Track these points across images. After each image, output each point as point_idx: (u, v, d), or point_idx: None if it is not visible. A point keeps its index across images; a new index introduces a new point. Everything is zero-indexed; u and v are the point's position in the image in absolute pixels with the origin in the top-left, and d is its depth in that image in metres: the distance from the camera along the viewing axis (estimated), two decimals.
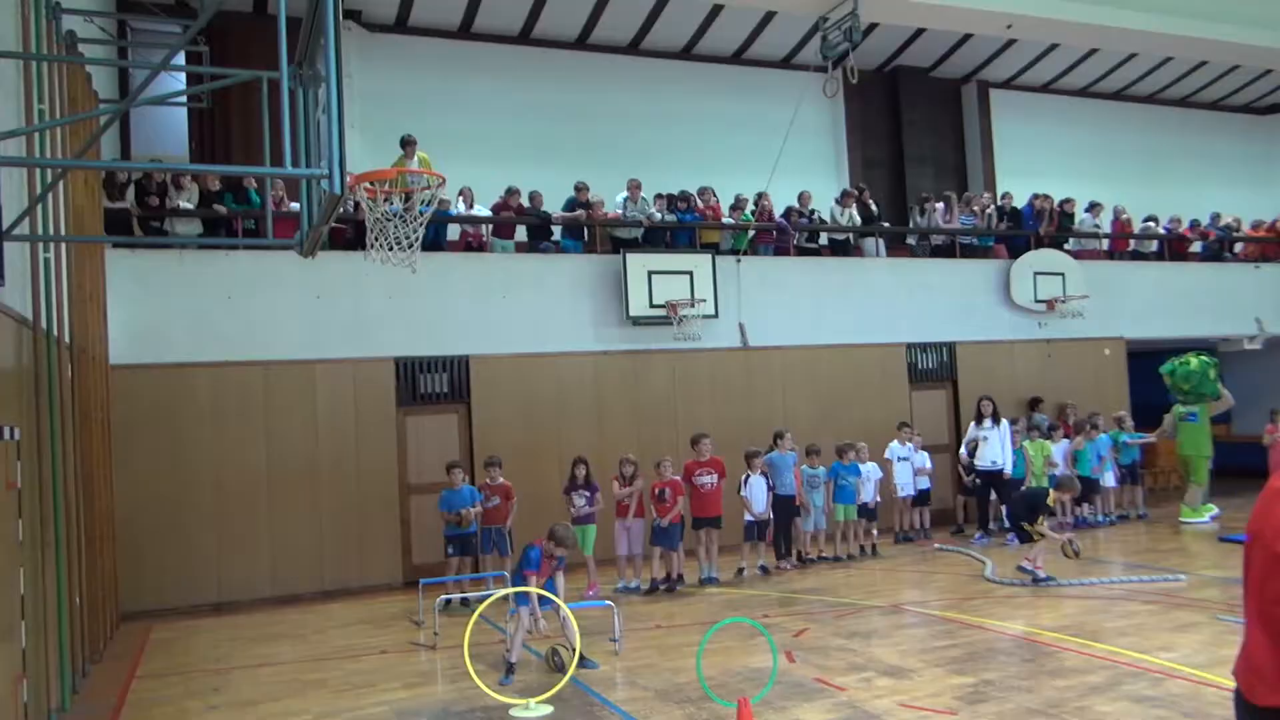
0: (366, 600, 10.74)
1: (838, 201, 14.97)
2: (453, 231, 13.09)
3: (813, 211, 14.75)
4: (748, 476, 10.85)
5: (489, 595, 8.01)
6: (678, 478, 10.36)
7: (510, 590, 6.97)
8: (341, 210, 6.98)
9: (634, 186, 13.64)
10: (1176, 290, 16.44)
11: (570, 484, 10.43)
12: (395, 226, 7.05)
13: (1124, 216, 17.18)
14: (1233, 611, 8.06)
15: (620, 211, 13.50)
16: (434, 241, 12.24)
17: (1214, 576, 9.50)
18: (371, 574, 11.37)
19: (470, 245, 12.88)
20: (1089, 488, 13.44)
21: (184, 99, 10.64)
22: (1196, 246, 17.64)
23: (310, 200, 6.41)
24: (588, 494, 10.32)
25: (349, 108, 13.21)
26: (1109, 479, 13.76)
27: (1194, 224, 17.85)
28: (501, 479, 10.36)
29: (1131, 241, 17.10)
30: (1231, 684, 5.85)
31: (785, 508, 11.22)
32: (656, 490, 10.30)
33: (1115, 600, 8.84)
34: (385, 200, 7.34)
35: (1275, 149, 21.57)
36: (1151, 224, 17.36)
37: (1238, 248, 18.09)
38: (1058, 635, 7.59)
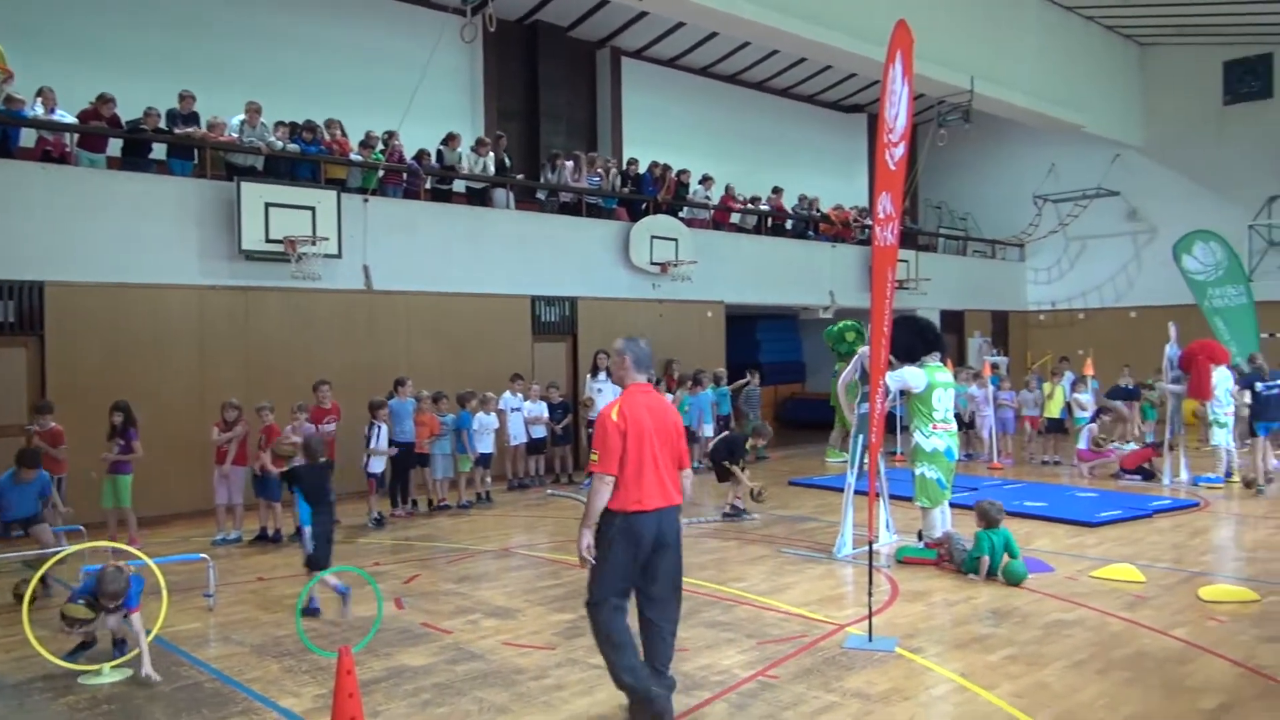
0: None
1: (474, 149, 14.92)
2: (28, 137, 11.32)
3: (440, 154, 14.59)
4: (379, 427, 10.57)
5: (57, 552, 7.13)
6: (292, 422, 9.87)
7: (75, 549, 6.23)
8: None
9: (253, 110, 12.62)
10: (768, 262, 18.32)
11: (111, 431, 9.32)
12: None
13: (736, 194, 18.81)
14: (792, 545, 9.27)
15: (236, 136, 12.45)
16: (1, 147, 10.53)
17: (781, 515, 10.82)
18: None
19: (50, 155, 11.21)
20: (689, 438, 14.74)
21: None
22: (788, 224, 19.79)
23: None
24: (121, 442, 9.25)
25: None
26: (707, 430, 15.09)
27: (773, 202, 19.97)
28: (53, 424, 9.16)
29: (735, 215, 18.78)
30: (784, 606, 6.66)
31: (405, 455, 11.12)
32: (259, 438, 9.75)
33: (703, 538, 9.78)
34: None
35: (854, 145, 24.69)
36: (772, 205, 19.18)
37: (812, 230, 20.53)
38: None
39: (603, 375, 13.48)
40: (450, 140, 14.71)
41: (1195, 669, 5.62)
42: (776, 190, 19.88)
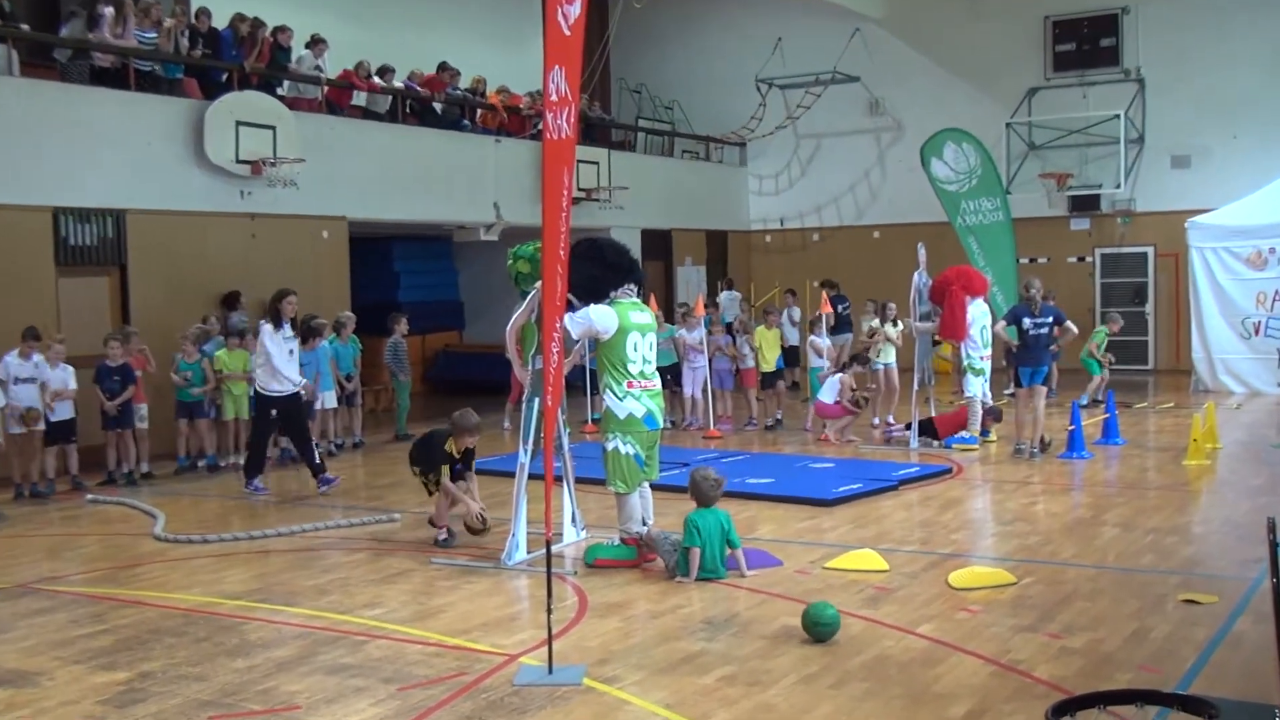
0: None
1: None
2: None
3: None
4: None
5: None
6: None
7: None
8: None
9: None
10: (409, 163, 18.23)
11: None
12: None
13: (364, 73, 18.35)
14: (446, 552, 9.36)
15: None
16: None
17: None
18: None
19: None
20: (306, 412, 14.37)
21: None
22: (437, 109, 19.70)
23: None
24: None
25: None
26: (329, 400, 14.82)
27: (430, 81, 19.84)
28: None
29: (360, 96, 18.42)
30: (436, 636, 6.76)
31: None
32: None
33: (319, 551, 9.66)
34: None
35: (526, 6, 24.81)
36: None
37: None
38: (243, 603, 8.04)
39: (287, 327, 12.42)
40: None
41: (943, 671, 6.31)
42: (439, 69, 19.70)
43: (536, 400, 8.79)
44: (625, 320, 8.71)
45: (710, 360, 16.24)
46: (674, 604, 7.80)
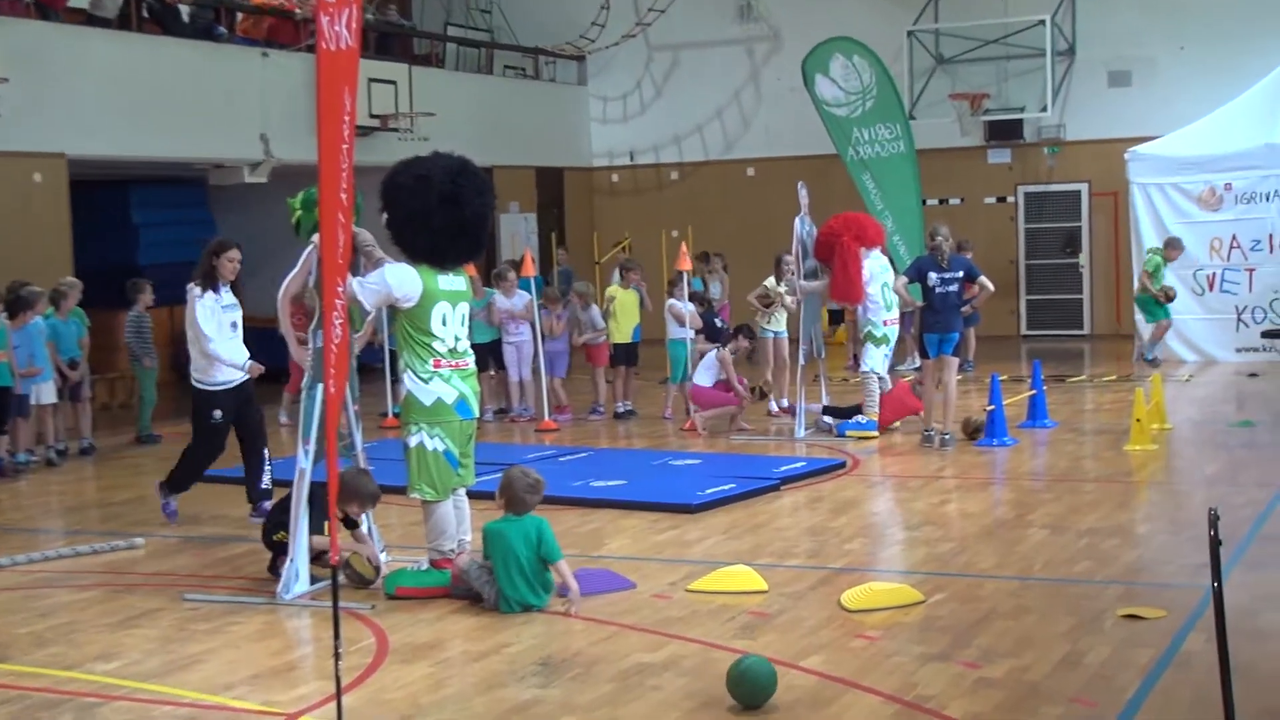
0: None
1: None
2: None
3: None
4: None
5: None
6: None
7: None
8: None
9: None
10: (147, 82, 17.91)
11: None
12: None
13: None
14: (205, 587, 9.22)
15: None
16: None
17: (184, 537, 10.69)
18: None
19: None
20: (17, 408, 13.94)
21: None
22: (183, 15, 19.34)
23: None
24: None
25: None
26: (47, 394, 14.41)
27: None
28: None
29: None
30: (191, 695, 6.72)
31: None
32: None
33: (36, 590, 9.42)
34: None
35: None
36: None
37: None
38: None
39: (226, 292, 11.35)
40: None
41: (836, 712, 6.41)
42: None
43: (319, 388, 8.67)
44: (432, 285, 8.62)
45: (542, 337, 16.07)
46: (498, 642, 7.78)
